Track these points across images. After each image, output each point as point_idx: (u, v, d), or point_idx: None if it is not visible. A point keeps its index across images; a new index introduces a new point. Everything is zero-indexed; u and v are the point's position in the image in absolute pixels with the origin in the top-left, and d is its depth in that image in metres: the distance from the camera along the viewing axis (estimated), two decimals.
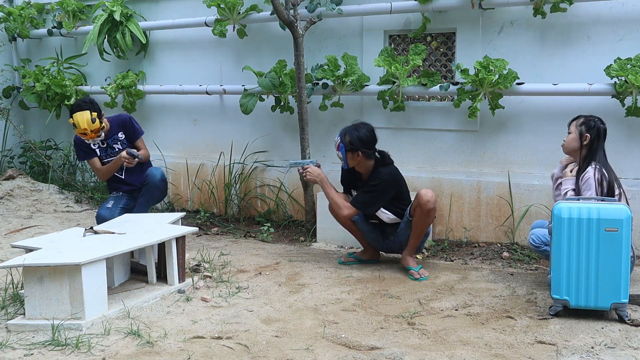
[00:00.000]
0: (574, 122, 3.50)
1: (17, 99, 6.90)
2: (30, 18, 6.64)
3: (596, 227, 3.02)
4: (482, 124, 4.68)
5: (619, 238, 3.00)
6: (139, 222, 3.93)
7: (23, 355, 2.71)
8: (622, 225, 2.99)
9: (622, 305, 3.02)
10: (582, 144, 3.41)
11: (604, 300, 3.03)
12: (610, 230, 3.00)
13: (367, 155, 3.93)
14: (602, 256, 3.02)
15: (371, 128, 3.97)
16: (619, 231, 2.99)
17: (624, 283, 3.01)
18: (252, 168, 5.56)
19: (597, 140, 3.39)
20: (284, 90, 5.04)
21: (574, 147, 3.45)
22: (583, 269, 3.05)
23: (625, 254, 3.01)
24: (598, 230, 3.02)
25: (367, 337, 2.91)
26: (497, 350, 2.76)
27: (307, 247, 4.69)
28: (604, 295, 3.03)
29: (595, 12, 4.27)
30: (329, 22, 5.13)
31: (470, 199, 4.69)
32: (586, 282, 3.05)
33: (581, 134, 3.41)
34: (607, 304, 3.03)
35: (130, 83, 5.96)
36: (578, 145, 3.43)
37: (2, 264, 3.14)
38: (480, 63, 4.34)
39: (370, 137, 3.93)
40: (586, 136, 3.40)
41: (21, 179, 6.30)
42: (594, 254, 3.03)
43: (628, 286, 3.04)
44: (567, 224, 3.07)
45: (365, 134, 3.90)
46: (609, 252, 3.01)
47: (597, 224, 3.02)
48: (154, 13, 6.09)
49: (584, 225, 3.04)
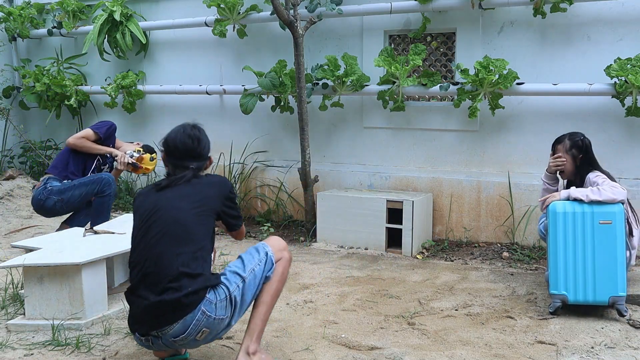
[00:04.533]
0: (560, 146, 3.48)
1: (17, 99, 6.90)
2: (30, 18, 6.64)
3: (590, 220, 3.07)
4: (482, 124, 4.68)
5: (613, 230, 3.04)
6: None
7: (23, 355, 2.71)
8: (615, 218, 3.04)
9: (620, 299, 3.03)
10: (577, 165, 3.44)
11: (602, 294, 3.04)
12: (604, 222, 3.05)
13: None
14: (598, 249, 3.06)
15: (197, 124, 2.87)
16: (612, 223, 3.04)
17: (620, 276, 3.03)
18: (252, 168, 5.56)
19: (587, 156, 3.44)
20: (284, 90, 5.04)
21: (572, 169, 3.46)
22: (580, 263, 3.08)
23: (620, 246, 3.04)
24: (592, 223, 3.07)
25: (367, 337, 2.91)
26: (497, 350, 2.76)
27: (307, 247, 4.69)
28: (602, 289, 3.04)
29: (595, 12, 4.27)
30: (329, 22, 5.13)
31: (470, 199, 4.69)
32: (583, 276, 3.07)
33: (574, 157, 3.43)
34: (605, 297, 3.04)
35: (130, 83, 5.95)
36: (574, 166, 3.45)
37: (2, 264, 3.14)
38: (480, 63, 4.34)
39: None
40: (579, 157, 3.43)
41: (21, 179, 6.30)
42: (590, 248, 3.07)
43: (625, 279, 3.06)
44: (562, 218, 3.11)
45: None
46: (604, 245, 3.05)
47: (591, 216, 3.07)
48: (154, 13, 6.09)
49: (579, 219, 3.08)
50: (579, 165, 3.43)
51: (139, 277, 2.33)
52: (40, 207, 4.23)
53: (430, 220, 4.80)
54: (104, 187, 4.21)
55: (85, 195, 4.21)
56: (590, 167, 3.40)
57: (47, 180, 4.25)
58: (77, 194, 4.20)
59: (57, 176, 4.28)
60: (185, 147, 2.50)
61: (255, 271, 2.43)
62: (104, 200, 4.23)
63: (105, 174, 4.29)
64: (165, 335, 2.29)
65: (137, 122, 6.29)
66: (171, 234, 2.34)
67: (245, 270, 2.41)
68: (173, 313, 2.26)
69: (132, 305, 2.36)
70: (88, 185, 4.21)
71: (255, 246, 2.55)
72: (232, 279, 2.38)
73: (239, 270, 2.41)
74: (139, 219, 2.44)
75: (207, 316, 2.28)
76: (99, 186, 4.21)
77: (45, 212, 4.28)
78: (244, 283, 2.38)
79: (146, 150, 4.50)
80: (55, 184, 4.22)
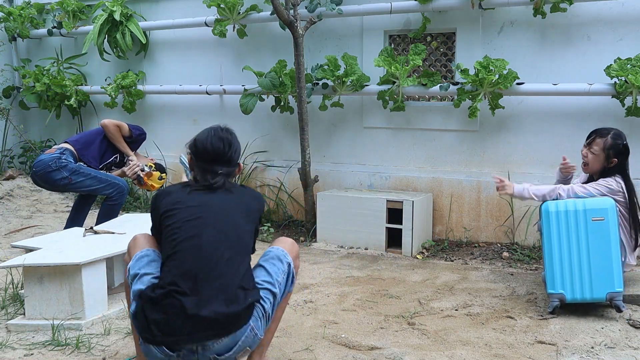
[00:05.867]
0: (600, 140, 3.20)
1: (17, 99, 6.90)
2: (30, 18, 6.63)
3: (583, 218, 3.09)
4: (482, 124, 4.68)
5: (606, 227, 3.06)
6: (139, 222, 3.93)
7: (23, 355, 2.71)
8: (607, 214, 3.06)
9: (617, 294, 3.04)
10: (607, 167, 3.21)
11: (599, 290, 3.06)
12: (596, 219, 3.07)
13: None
14: (592, 246, 3.07)
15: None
16: (605, 220, 3.06)
17: (616, 272, 3.05)
18: (252, 168, 5.56)
19: (621, 162, 3.21)
20: (284, 90, 5.04)
21: (598, 168, 3.24)
22: (575, 261, 3.10)
23: (615, 242, 3.05)
24: (585, 221, 3.09)
25: (367, 337, 2.91)
26: (497, 350, 2.76)
27: (307, 247, 4.69)
28: (599, 286, 3.06)
29: (595, 12, 4.27)
30: (329, 22, 5.13)
31: (470, 199, 4.69)
32: (579, 273, 3.08)
33: (608, 158, 3.19)
34: (602, 294, 3.05)
35: (130, 83, 5.95)
36: (602, 166, 3.22)
37: (2, 264, 3.14)
38: (480, 63, 4.34)
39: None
40: (613, 160, 3.20)
41: (21, 179, 6.31)
42: (584, 245, 3.09)
43: (621, 275, 3.07)
44: (555, 218, 3.13)
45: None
46: (598, 241, 3.07)
47: (584, 214, 3.09)
48: (154, 13, 6.09)
49: (572, 217, 3.10)
50: (609, 169, 3.21)
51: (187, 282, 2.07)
52: (45, 174, 3.98)
53: (430, 220, 4.80)
54: (117, 195, 4.15)
55: (94, 190, 4.14)
56: (617, 173, 3.20)
57: (64, 151, 4.06)
58: (87, 185, 4.06)
59: (76, 152, 4.13)
60: (216, 151, 2.31)
61: (281, 285, 2.30)
62: (114, 208, 4.21)
63: (123, 182, 4.22)
64: (207, 351, 2.06)
65: (137, 122, 6.26)
66: (230, 241, 2.17)
67: (275, 285, 2.26)
68: (227, 326, 2.06)
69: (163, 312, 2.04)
70: (102, 184, 4.11)
71: (276, 253, 2.37)
72: (264, 294, 2.22)
73: (269, 286, 2.25)
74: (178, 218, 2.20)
75: (254, 333, 2.13)
76: (112, 190, 4.14)
77: (46, 182, 4.05)
78: (274, 298, 2.25)
79: (157, 169, 4.50)
80: (71, 160, 4.05)
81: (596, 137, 3.24)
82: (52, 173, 3.98)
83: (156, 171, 4.49)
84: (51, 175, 3.99)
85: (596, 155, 3.22)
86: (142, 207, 5.95)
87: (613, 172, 3.21)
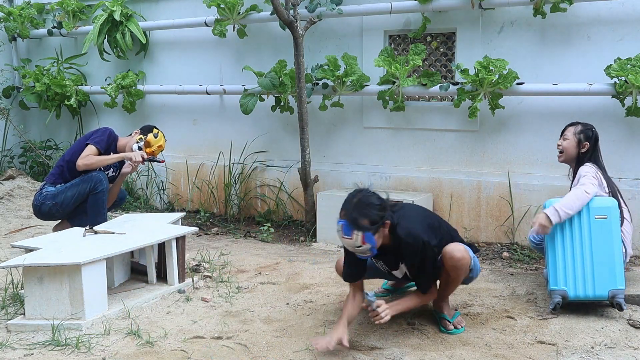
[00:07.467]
0: (571, 127, 3.55)
1: (17, 99, 6.90)
2: (30, 18, 6.64)
3: (586, 216, 3.11)
4: (482, 124, 4.68)
5: (609, 225, 3.09)
6: (139, 222, 3.93)
7: (23, 355, 2.71)
8: (610, 213, 3.09)
9: (619, 292, 3.05)
10: (580, 152, 3.50)
11: (601, 288, 3.06)
12: (600, 217, 3.10)
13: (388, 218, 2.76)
14: (595, 244, 3.09)
15: (367, 189, 2.82)
16: (608, 218, 3.09)
17: (618, 269, 3.06)
18: (252, 168, 5.56)
19: (592, 148, 3.49)
20: (284, 90, 5.04)
21: (573, 154, 3.51)
22: (578, 258, 3.11)
23: (617, 240, 3.08)
24: (589, 219, 3.11)
25: (367, 337, 2.91)
26: (497, 350, 2.76)
27: (307, 247, 4.69)
28: (601, 284, 3.06)
29: (595, 12, 4.27)
30: (329, 22, 5.13)
31: (470, 199, 4.69)
32: (582, 270, 3.10)
33: (579, 142, 3.48)
34: (604, 292, 3.06)
35: (130, 83, 5.96)
36: (576, 152, 3.51)
37: (2, 264, 3.14)
38: (480, 63, 4.34)
39: (378, 197, 2.79)
40: (585, 144, 3.47)
41: (21, 179, 6.31)
42: (587, 242, 3.10)
43: (623, 273, 3.08)
44: None
45: (373, 198, 2.75)
46: (601, 239, 3.08)
47: (587, 212, 3.11)
48: (154, 13, 6.09)
49: (575, 215, 3.12)
50: (582, 153, 3.47)
51: None
52: (37, 212, 4.31)
53: None
54: (96, 185, 4.21)
55: (78, 195, 4.21)
56: (590, 159, 3.44)
57: (44, 186, 4.31)
58: (70, 195, 4.21)
59: (52, 183, 4.30)
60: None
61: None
62: (98, 197, 4.23)
63: (96, 172, 4.25)
64: None
65: (137, 122, 6.27)
66: None
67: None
68: None
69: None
70: (79, 185, 4.22)
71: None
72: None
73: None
74: None
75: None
76: (90, 184, 4.21)
77: (43, 217, 4.35)
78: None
79: (144, 132, 4.42)
80: (50, 189, 4.27)
81: (568, 127, 3.58)
82: (41, 208, 4.26)
83: (148, 135, 4.37)
84: (41, 210, 4.28)
85: (569, 140, 3.51)
86: (142, 207, 5.96)
87: (586, 158, 3.45)
